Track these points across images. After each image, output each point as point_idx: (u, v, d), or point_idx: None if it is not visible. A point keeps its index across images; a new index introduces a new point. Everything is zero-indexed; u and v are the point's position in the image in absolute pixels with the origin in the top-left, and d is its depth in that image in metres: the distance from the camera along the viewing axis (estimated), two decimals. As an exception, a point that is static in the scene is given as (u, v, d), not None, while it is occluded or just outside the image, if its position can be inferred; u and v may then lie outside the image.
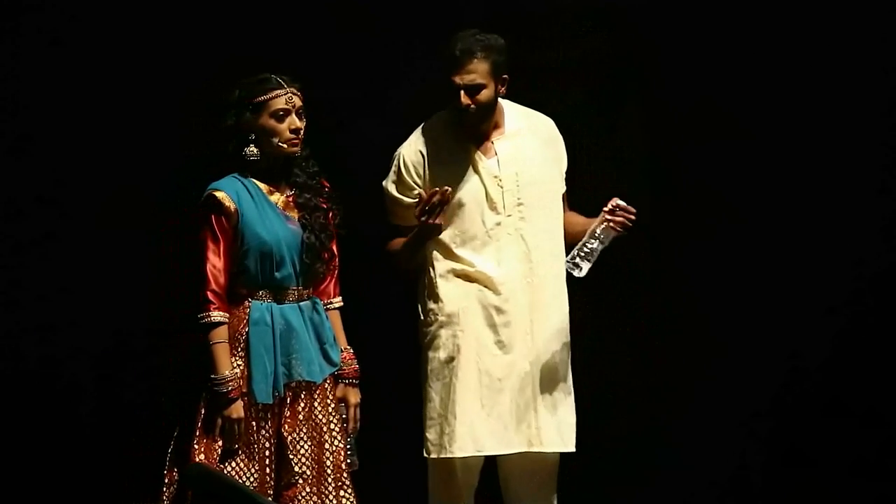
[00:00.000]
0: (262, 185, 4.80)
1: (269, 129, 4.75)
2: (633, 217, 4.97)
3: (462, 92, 4.93)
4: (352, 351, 4.92)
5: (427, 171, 5.00)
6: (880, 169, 6.12)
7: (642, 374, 6.14)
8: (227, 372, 4.68)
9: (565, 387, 5.08)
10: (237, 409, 4.68)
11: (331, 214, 4.89)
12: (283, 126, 4.75)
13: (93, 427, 5.72)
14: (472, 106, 4.94)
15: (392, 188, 5.05)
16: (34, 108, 5.64)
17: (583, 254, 4.95)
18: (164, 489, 4.74)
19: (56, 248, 5.67)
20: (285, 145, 4.77)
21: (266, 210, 4.77)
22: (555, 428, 5.02)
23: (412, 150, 5.04)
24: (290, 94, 4.76)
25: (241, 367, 4.72)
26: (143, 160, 5.68)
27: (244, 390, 4.70)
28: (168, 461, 4.75)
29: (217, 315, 4.70)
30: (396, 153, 5.06)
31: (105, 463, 5.70)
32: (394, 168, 5.05)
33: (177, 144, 5.63)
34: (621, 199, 4.98)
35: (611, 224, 4.95)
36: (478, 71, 4.93)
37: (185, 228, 4.88)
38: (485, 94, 4.95)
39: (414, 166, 5.01)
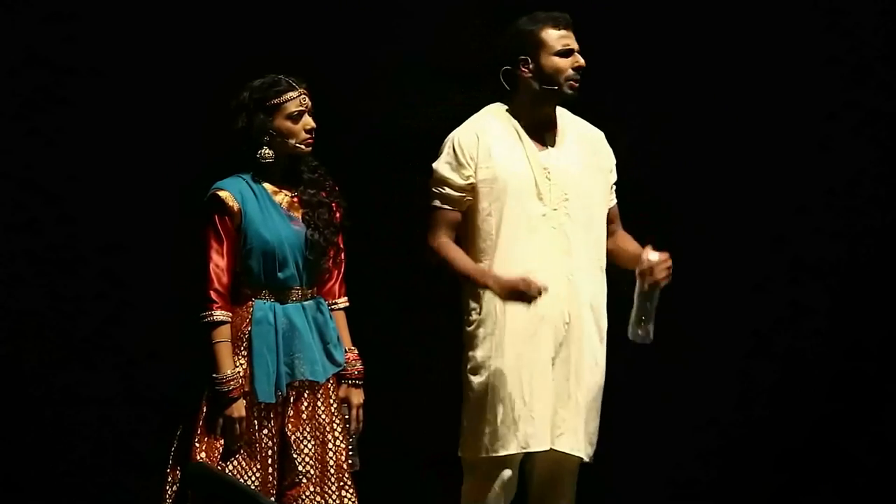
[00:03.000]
0: (267, 186, 4.80)
1: (286, 131, 4.75)
2: (669, 263, 4.82)
3: (577, 54, 4.90)
4: (356, 352, 4.91)
5: (479, 154, 4.91)
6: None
7: (640, 376, 6.13)
8: (228, 371, 4.68)
9: (597, 392, 4.95)
10: (238, 409, 4.68)
11: (334, 206, 4.88)
12: (299, 127, 4.75)
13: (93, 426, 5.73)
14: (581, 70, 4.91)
15: (444, 168, 4.92)
16: (35, 108, 5.65)
17: (642, 321, 4.80)
18: (167, 488, 4.73)
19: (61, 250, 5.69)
20: (302, 146, 4.77)
21: (269, 210, 4.77)
22: (582, 432, 4.91)
23: (467, 131, 4.95)
24: (301, 95, 4.76)
25: (244, 367, 4.72)
26: (143, 160, 5.68)
27: (246, 389, 4.71)
28: (171, 460, 4.75)
29: (219, 314, 4.70)
30: (448, 138, 4.96)
31: (105, 462, 5.72)
32: (447, 150, 4.94)
33: (178, 146, 5.62)
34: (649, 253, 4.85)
35: (652, 283, 4.81)
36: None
37: (188, 228, 4.88)
38: None
39: (468, 147, 4.90)
